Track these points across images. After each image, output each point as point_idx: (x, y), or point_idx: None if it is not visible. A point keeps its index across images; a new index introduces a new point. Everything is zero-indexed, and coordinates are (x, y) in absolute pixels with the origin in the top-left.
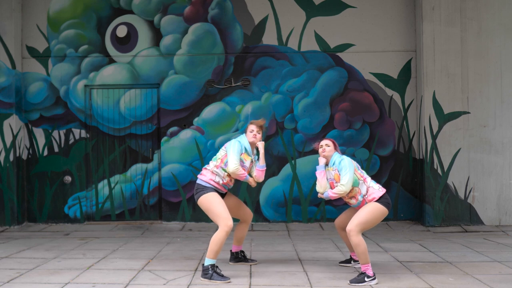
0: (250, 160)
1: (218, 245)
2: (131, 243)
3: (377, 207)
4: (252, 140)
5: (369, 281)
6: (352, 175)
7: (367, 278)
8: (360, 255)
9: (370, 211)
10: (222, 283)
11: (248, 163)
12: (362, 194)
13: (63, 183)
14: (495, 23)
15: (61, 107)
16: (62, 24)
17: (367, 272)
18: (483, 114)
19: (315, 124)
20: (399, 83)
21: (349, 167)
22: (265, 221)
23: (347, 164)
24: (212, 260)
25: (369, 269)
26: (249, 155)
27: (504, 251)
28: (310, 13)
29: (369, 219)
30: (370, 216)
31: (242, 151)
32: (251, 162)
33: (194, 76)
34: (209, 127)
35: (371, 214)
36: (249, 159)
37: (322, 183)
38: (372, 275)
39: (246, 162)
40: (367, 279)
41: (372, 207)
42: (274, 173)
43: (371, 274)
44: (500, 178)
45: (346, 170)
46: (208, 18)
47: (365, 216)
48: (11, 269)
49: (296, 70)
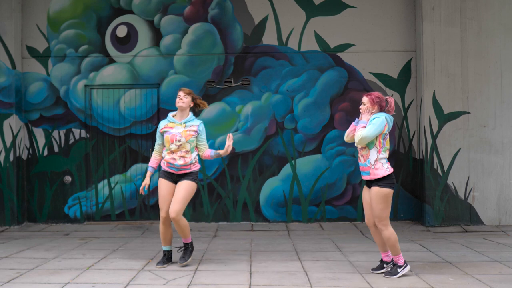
0: (177, 125)
1: (160, 234)
2: (131, 243)
3: (384, 194)
4: (179, 105)
5: (402, 270)
6: (373, 133)
7: (399, 268)
8: (392, 247)
9: (381, 201)
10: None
11: (175, 130)
12: (369, 160)
13: (63, 183)
14: (495, 23)
15: (61, 107)
16: (62, 24)
17: (399, 262)
18: (483, 114)
19: (315, 124)
20: (399, 83)
21: (377, 126)
22: (265, 221)
23: (377, 122)
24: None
25: (401, 258)
26: (174, 122)
27: (504, 251)
28: (310, 13)
29: (385, 207)
30: (383, 205)
31: (160, 128)
32: (183, 125)
33: (194, 76)
34: (209, 127)
35: (383, 203)
36: (175, 125)
37: (348, 131)
38: (403, 264)
39: (172, 130)
40: (399, 269)
41: (380, 197)
42: (274, 173)
43: (402, 262)
44: (500, 178)
45: (372, 126)
46: (208, 18)
47: (380, 206)
48: (11, 269)
49: (296, 70)
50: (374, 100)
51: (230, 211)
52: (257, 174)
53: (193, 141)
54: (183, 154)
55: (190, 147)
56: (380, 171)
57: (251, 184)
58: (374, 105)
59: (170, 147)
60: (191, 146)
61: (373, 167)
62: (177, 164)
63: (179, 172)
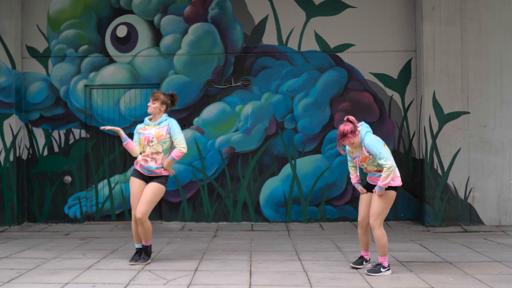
0: (151, 127)
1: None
2: (131, 243)
3: (389, 195)
4: (149, 111)
5: (385, 271)
6: (387, 152)
7: (383, 268)
8: (381, 248)
9: (385, 201)
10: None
11: (148, 131)
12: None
13: (63, 183)
14: (495, 23)
15: (61, 107)
16: (62, 24)
17: (383, 263)
18: (483, 114)
19: (315, 124)
20: (399, 83)
21: (378, 144)
22: (265, 221)
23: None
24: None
25: (386, 261)
26: (149, 124)
27: (504, 251)
28: (310, 13)
29: (386, 207)
30: (386, 205)
31: (136, 129)
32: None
33: (194, 76)
34: (209, 127)
35: (386, 203)
36: (149, 127)
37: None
38: (387, 266)
39: (146, 132)
40: (383, 269)
41: (385, 197)
42: (274, 173)
43: (387, 265)
44: (500, 178)
45: (378, 150)
46: (208, 18)
47: (382, 205)
48: (11, 269)
49: (296, 70)
50: (354, 131)
51: (230, 211)
52: (257, 174)
53: (165, 143)
54: (154, 156)
55: (162, 149)
56: (396, 180)
57: (251, 184)
58: (356, 136)
59: (144, 148)
60: (163, 147)
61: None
62: (148, 166)
63: (149, 175)
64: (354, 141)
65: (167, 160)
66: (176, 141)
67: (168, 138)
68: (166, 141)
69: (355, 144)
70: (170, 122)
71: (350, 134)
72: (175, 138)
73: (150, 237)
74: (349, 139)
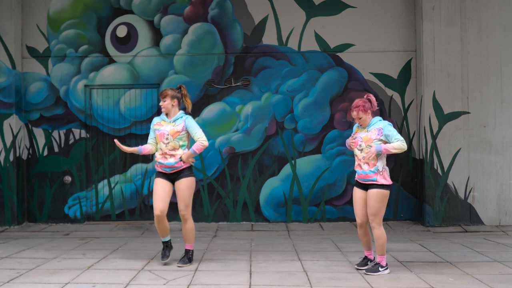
0: (167, 123)
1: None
2: (131, 243)
3: (383, 195)
4: (164, 110)
5: (383, 270)
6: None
7: (381, 268)
8: (379, 247)
9: (380, 200)
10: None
11: (164, 128)
12: (377, 167)
13: (63, 183)
14: (495, 23)
15: (61, 107)
16: (62, 24)
17: (382, 262)
18: (483, 114)
19: (315, 124)
20: (399, 83)
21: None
22: (265, 221)
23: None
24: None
25: (384, 260)
26: (165, 120)
27: (504, 251)
28: (310, 13)
29: (382, 206)
30: (382, 204)
31: (153, 123)
32: (172, 123)
33: (194, 76)
34: (209, 127)
35: (382, 202)
36: (165, 123)
37: (349, 142)
38: (385, 265)
39: (162, 128)
40: (381, 268)
41: (380, 196)
42: (274, 173)
43: (385, 264)
44: (500, 178)
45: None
46: (208, 18)
47: (379, 205)
48: (11, 269)
49: (296, 70)
50: (367, 109)
51: (230, 211)
52: (257, 174)
53: (181, 139)
54: (172, 152)
55: (178, 145)
56: (387, 178)
57: (251, 184)
58: (367, 113)
59: (159, 145)
60: (179, 143)
61: (381, 173)
62: (168, 162)
63: (172, 172)
64: (362, 117)
65: (187, 153)
66: (196, 137)
67: (184, 134)
68: (182, 137)
69: (362, 121)
70: (186, 119)
71: (362, 107)
72: (195, 133)
73: (192, 239)
74: (359, 111)
